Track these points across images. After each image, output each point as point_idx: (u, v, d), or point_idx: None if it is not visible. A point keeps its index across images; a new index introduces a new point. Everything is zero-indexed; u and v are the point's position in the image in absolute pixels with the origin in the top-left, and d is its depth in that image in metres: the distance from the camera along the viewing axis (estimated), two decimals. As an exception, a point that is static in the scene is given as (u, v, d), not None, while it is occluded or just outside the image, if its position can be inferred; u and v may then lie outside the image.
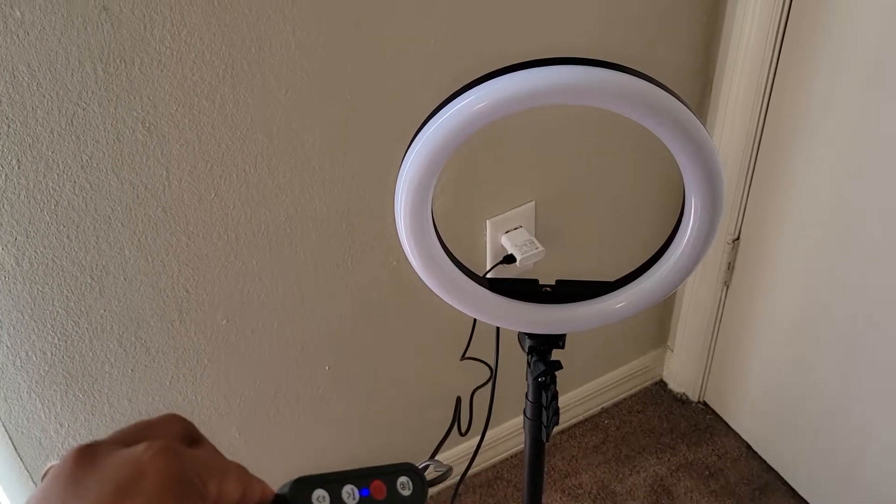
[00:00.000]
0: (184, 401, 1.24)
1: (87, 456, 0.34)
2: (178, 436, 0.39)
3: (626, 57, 0.67)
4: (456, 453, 1.68)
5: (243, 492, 0.40)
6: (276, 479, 0.43)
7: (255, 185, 1.10)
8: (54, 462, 0.35)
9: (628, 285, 0.80)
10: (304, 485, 0.44)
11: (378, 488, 0.47)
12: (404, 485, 0.48)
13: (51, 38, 0.87)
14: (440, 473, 0.58)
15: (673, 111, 0.64)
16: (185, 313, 1.16)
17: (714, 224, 0.73)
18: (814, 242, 1.43)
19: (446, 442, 1.16)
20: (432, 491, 1.71)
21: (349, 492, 0.45)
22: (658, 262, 0.77)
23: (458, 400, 0.88)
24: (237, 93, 1.01)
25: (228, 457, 0.39)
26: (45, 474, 0.35)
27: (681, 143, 0.65)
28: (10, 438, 1.13)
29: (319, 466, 0.47)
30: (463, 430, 0.91)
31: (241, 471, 0.40)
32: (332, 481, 0.45)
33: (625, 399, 1.95)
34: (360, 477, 0.46)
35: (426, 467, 0.55)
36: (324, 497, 0.44)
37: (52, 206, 0.98)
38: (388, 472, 0.48)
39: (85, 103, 0.93)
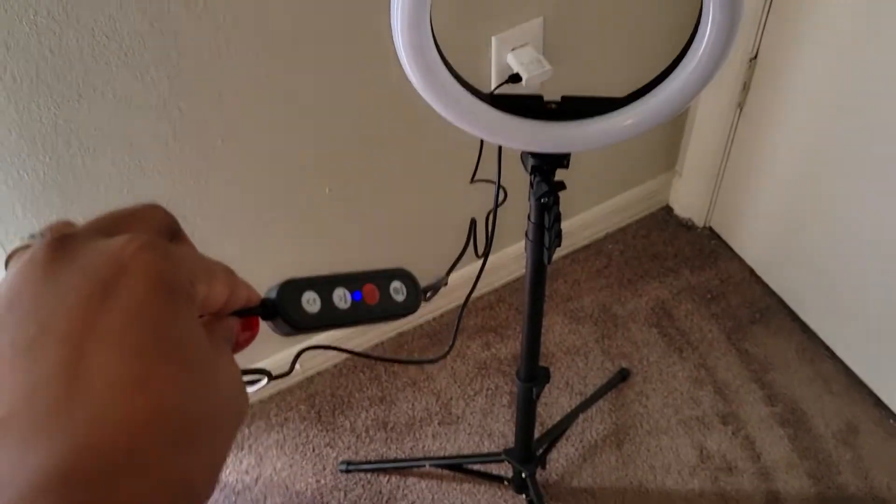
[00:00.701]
0: (181, 221, 1.23)
1: (63, 246, 0.29)
2: (161, 229, 0.35)
3: None
4: (460, 276, 1.69)
5: (230, 295, 0.37)
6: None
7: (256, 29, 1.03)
8: (20, 245, 0.30)
9: (638, 101, 0.76)
10: (294, 287, 0.41)
11: (370, 292, 0.45)
12: (397, 289, 0.47)
13: None
14: (434, 281, 0.57)
15: None
16: (179, 133, 1.13)
17: (732, 32, 0.68)
18: (831, 66, 1.37)
19: (448, 266, 1.16)
20: (433, 308, 1.74)
21: (341, 295, 0.43)
22: (671, 75, 0.73)
23: (473, 221, 0.86)
24: None
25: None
26: (9, 259, 0.30)
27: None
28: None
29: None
30: (479, 253, 0.89)
31: (227, 273, 0.37)
32: (323, 283, 0.43)
33: (629, 224, 1.94)
34: (352, 280, 0.44)
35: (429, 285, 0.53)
36: (314, 300, 0.42)
37: (31, 16, 0.93)
38: (381, 276, 0.46)
39: None
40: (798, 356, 1.66)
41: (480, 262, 1.00)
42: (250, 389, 0.50)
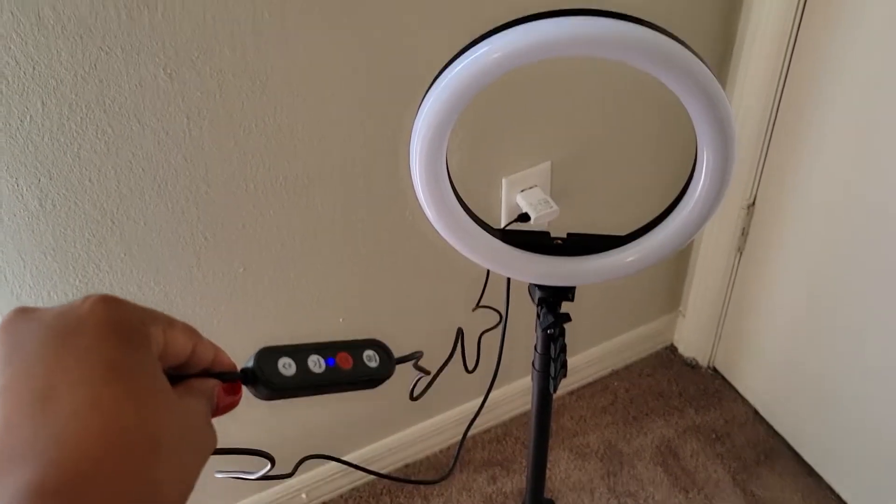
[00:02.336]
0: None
1: (28, 310, 0.36)
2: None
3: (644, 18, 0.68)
4: (468, 408, 1.71)
5: (193, 348, 0.41)
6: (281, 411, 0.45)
7: (273, 134, 1.11)
8: None
9: (639, 239, 0.81)
10: (270, 353, 0.45)
11: (344, 359, 0.48)
12: (370, 357, 0.50)
13: (76, -19, 0.89)
14: (410, 353, 0.59)
15: (685, 63, 0.64)
16: (203, 260, 1.18)
17: (725, 177, 0.73)
18: (829, 211, 1.43)
19: (457, 398, 1.18)
20: (440, 440, 1.74)
21: (315, 360, 0.46)
22: (669, 215, 0.78)
23: (460, 331, 0.89)
24: (258, 41, 1.02)
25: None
26: None
27: (691, 93, 0.66)
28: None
29: (319, 400, 0.48)
30: (470, 368, 0.92)
31: (188, 326, 0.41)
32: (298, 351, 0.46)
33: (635, 362, 1.97)
34: (326, 348, 0.47)
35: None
36: (290, 364, 0.45)
37: (76, 150, 1.00)
38: (354, 346, 0.49)
39: (108, 47, 0.94)
40: (804, 501, 1.65)
41: (485, 392, 1.03)
42: (257, 475, 0.53)
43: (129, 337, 0.35)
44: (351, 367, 0.48)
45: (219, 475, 0.53)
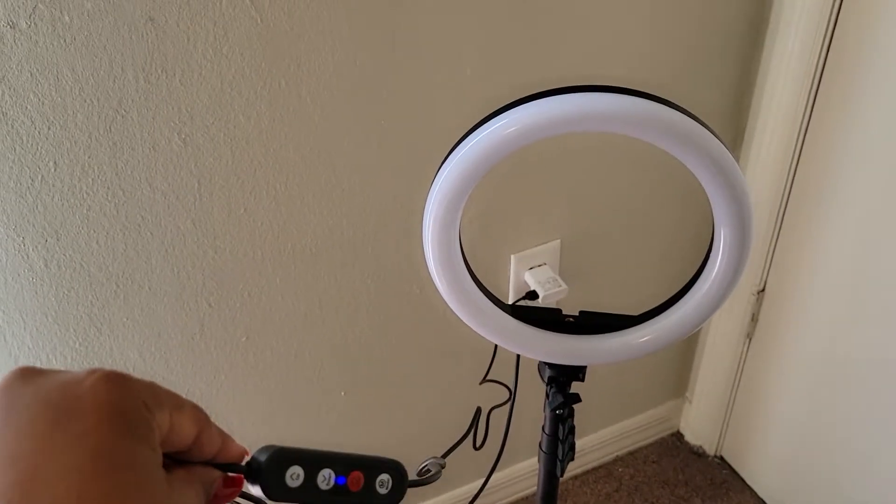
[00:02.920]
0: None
1: (29, 374, 0.33)
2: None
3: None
4: (471, 488, 1.66)
5: (199, 435, 0.39)
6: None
7: (284, 203, 1.11)
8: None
9: (653, 319, 0.79)
10: (283, 458, 0.43)
11: (356, 480, 0.45)
12: (383, 482, 0.47)
13: (96, 44, 0.89)
14: (431, 472, 0.57)
15: (703, 141, 0.64)
16: (206, 327, 1.17)
17: (742, 257, 0.72)
18: (840, 299, 1.42)
19: (461, 478, 1.15)
20: (423, 490, 1.69)
21: (325, 476, 0.44)
22: (684, 297, 0.77)
23: (478, 410, 0.88)
24: (273, 110, 1.03)
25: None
26: None
27: (710, 175, 0.65)
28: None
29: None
30: (477, 444, 0.90)
31: (197, 410, 0.39)
32: (312, 459, 0.44)
33: (640, 448, 1.92)
34: (342, 462, 0.45)
35: (426, 467, 0.54)
36: (298, 475, 0.43)
37: (85, 211, 0.99)
38: (372, 465, 0.47)
39: (124, 110, 0.94)
40: None
41: (488, 472, 1.00)
42: None
43: (129, 427, 0.33)
44: (359, 491, 0.46)
45: None
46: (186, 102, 0.97)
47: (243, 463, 0.42)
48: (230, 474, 0.42)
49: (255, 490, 0.42)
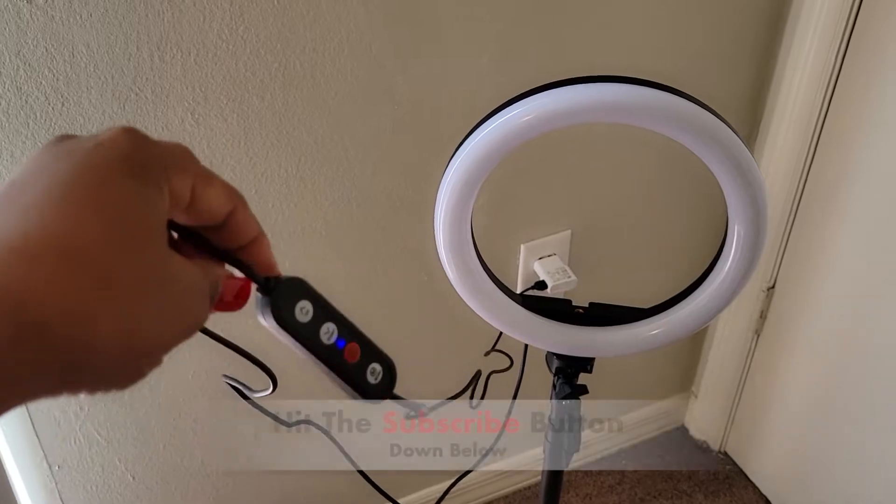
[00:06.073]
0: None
1: (63, 136, 0.33)
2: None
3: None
4: (475, 477, 1.66)
5: (232, 213, 0.37)
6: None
7: (295, 185, 1.10)
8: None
9: (663, 313, 0.79)
10: (301, 288, 0.41)
11: (353, 351, 0.44)
12: (374, 370, 0.46)
13: (112, 21, 0.89)
14: (415, 401, 0.56)
15: (721, 137, 0.63)
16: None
17: (755, 256, 0.72)
18: (850, 298, 1.41)
19: (464, 468, 1.16)
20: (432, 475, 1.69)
21: (329, 329, 0.42)
22: (696, 290, 0.76)
23: (478, 372, 0.89)
24: (287, 92, 1.02)
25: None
26: None
27: (727, 172, 0.65)
28: (29, 416, 1.14)
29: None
30: (473, 404, 0.91)
31: (231, 188, 0.36)
32: (324, 308, 0.42)
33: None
34: (348, 328, 0.43)
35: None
36: (308, 312, 0.41)
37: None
38: (371, 349, 0.45)
39: (139, 88, 0.94)
40: None
41: (496, 464, 1.00)
42: (257, 394, 0.50)
43: (135, 171, 0.31)
44: (352, 364, 0.44)
45: (225, 380, 0.50)
46: (200, 82, 0.97)
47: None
48: (242, 276, 0.39)
49: (263, 310, 0.40)
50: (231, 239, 0.38)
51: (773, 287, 1.57)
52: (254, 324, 0.40)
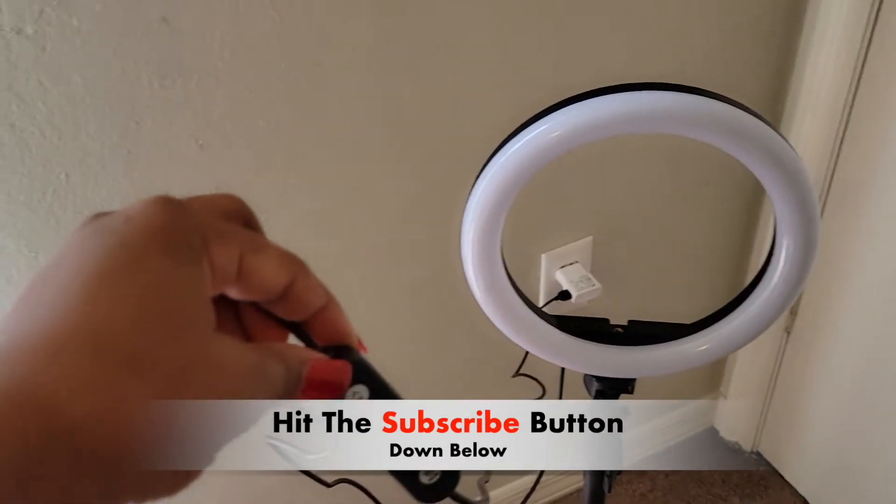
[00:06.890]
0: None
1: (99, 212, 0.30)
2: (225, 213, 0.33)
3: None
4: (513, 488, 1.62)
5: (292, 283, 0.33)
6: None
7: (307, 215, 1.06)
8: None
9: (707, 329, 0.74)
10: (366, 370, 0.37)
11: None
12: (429, 474, 0.42)
13: (107, 49, 0.85)
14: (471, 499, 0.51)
15: (775, 148, 0.59)
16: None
17: (805, 270, 0.67)
18: (882, 293, 1.36)
19: (503, 477, 1.11)
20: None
21: None
22: (743, 304, 0.72)
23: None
24: (296, 114, 0.98)
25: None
26: None
27: (779, 184, 0.60)
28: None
29: None
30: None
31: (287, 255, 0.33)
32: (379, 392, 0.39)
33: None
34: None
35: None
36: (361, 397, 0.37)
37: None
38: None
39: (139, 117, 0.90)
40: None
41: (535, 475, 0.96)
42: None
43: (173, 247, 0.28)
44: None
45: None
46: (203, 107, 0.92)
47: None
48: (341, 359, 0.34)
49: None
50: (293, 312, 0.34)
51: (802, 282, 1.52)
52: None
